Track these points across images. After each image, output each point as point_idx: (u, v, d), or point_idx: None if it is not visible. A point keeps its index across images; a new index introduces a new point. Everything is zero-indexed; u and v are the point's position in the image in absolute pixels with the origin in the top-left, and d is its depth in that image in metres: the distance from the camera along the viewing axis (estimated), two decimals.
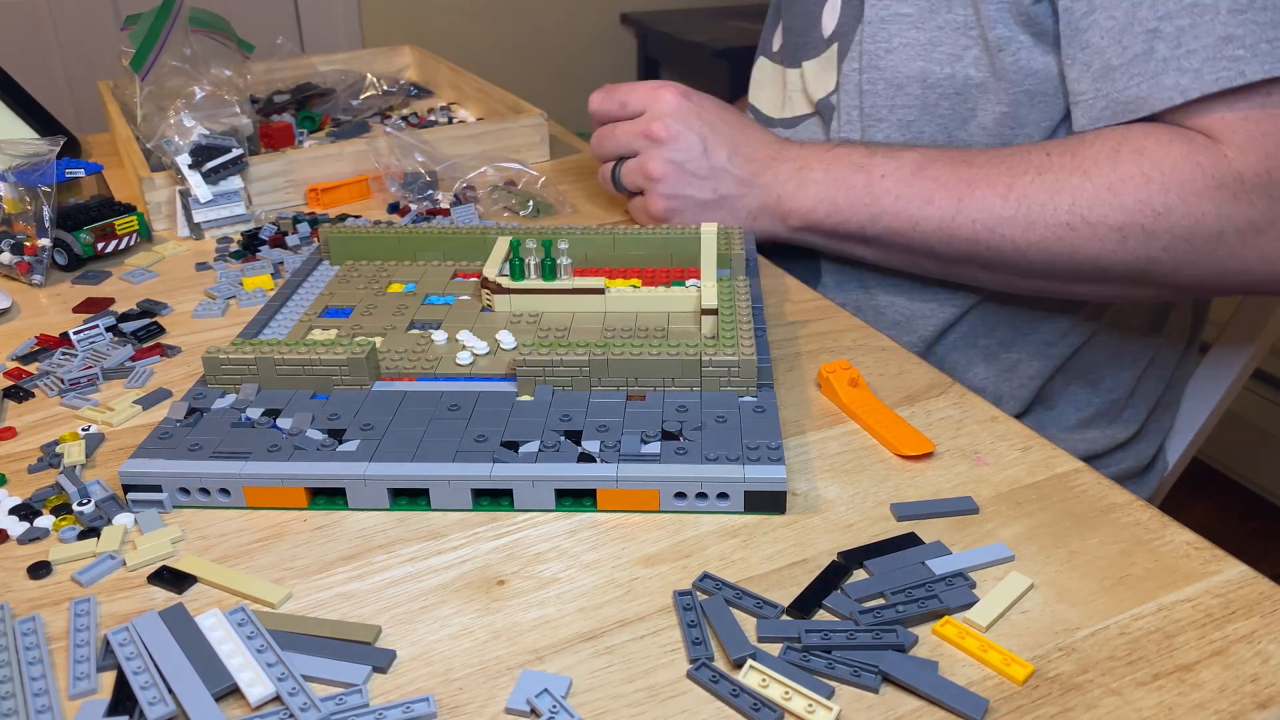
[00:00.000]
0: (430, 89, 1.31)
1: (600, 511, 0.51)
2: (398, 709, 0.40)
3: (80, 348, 0.68)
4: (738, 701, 0.40)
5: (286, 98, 1.17)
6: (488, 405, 0.56)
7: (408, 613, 0.45)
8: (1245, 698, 0.40)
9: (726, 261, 0.72)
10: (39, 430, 0.60)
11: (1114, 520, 0.50)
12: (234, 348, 0.58)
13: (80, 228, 0.80)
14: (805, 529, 0.50)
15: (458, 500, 0.51)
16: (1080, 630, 0.43)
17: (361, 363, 0.58)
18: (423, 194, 0.92)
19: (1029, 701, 0.40)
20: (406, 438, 0.54)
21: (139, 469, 0.52)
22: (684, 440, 0.53)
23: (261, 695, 0.40)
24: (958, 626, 0.43)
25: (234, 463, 0.52)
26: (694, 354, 0.56)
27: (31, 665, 0.42)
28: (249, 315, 0.73)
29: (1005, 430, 0.57)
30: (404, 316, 0.68)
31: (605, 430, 0.54)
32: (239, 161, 0.88)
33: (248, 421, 0.55)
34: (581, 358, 0.57)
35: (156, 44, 0.91)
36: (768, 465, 0.51)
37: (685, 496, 0.51)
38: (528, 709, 0.40)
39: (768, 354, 0.59)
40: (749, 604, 0.45)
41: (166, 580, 0.47)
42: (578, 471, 0.51)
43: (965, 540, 0.49)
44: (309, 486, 0.52)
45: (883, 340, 0.67)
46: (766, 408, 0.55)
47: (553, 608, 0.46)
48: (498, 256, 0.70)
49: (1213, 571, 0.46)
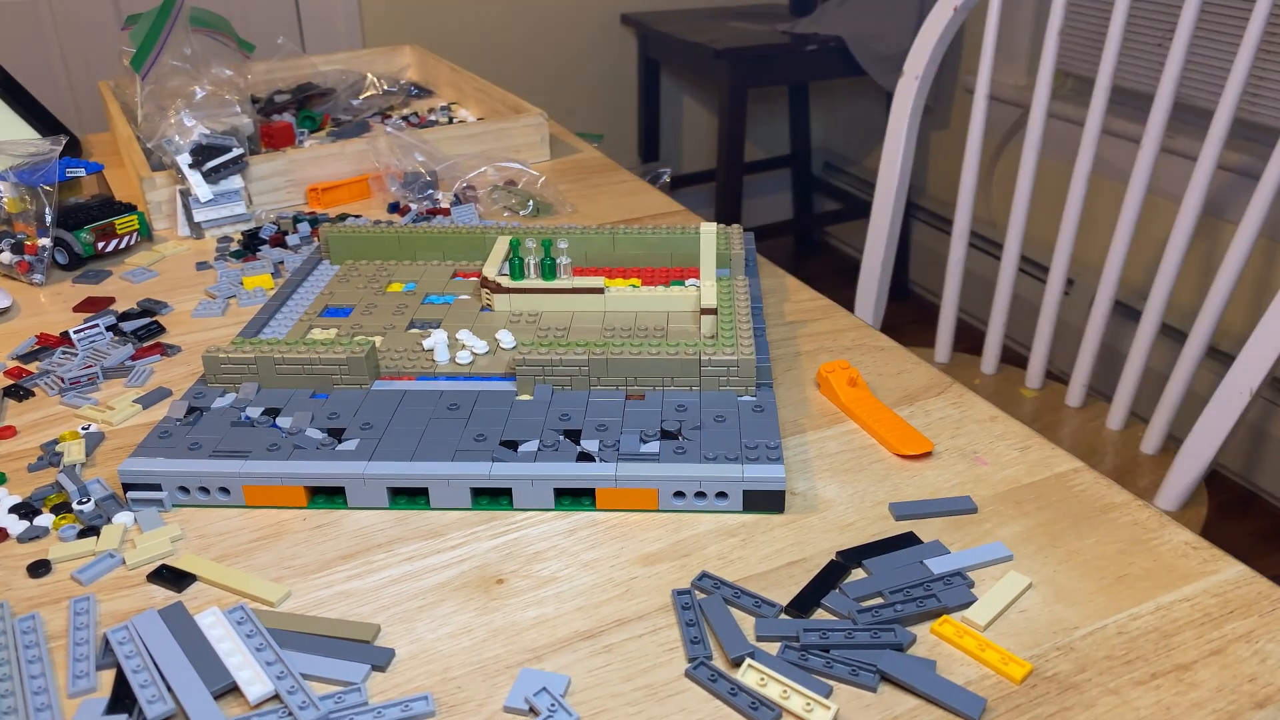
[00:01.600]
0: (430, 89, 1.31)
1: (599, 511, 0.51)
2: (396, 707, 0.40)
3: (80, 347, 0.69)
4: (736, 700, 0.40)
5: (287, 97, 1.18)
6: (487, 404, 0.56)
7: (406, 611, 0.46)
8: (1243, 697, 0.40)
9: (725, 261, 0.72)
10: (39, 429, 0.60)
11: (1112, 520, 0.50)
12: (234, 347, 0.59)
13: (81, 227, 0.80)
14: (804, 528, 0.50)
15: (457, 499, 0.52)
16: (1078, 630, 0.43)
17: (361, 362, 0.58)
18: (423, 193, 0.92)
19: (1027, 700, 0.40)
20: (406, 437, 0.54)
21: (139, 467, 0.52)
22: (683, 440, 0.53)
23: (260, 694, 0.40)
24: (956, 626, 0.43)
25: (234, 461, 0.52)
26: (693, 353, 0.56)
27: (31, 664, 0.42)
28: (249, 314, 0.74)
29: (1004, 430, 0.57)
30: (404, 316, 0.68)
31: (604, 429, 0.54)
32: (239, 161, 0.88)
33: (247, 420, 0.55)
34: (581, 357, 0.57)
35: (157, 43, 0.91)
36: (766, 465, 0.51)
37: (684, 496, 0.51)
38: (526, 707, 0.40)
39: (767, 353, 0.60)
40: (747, 603, 0.45)
41: (166, 579, 0.47)
42: (577, 471, 0.51)
43: (964, 540, 0.49)
44: (308, 485, 0.52)
45: (882, 340, 0.67)
46: (765, 407, 0.55)
47: (551, 607, 0.46)
48: (497, 256, 0.70)
49: (1211, 571, 0.46)
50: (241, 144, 0.88)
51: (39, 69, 2.21)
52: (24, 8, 2.25)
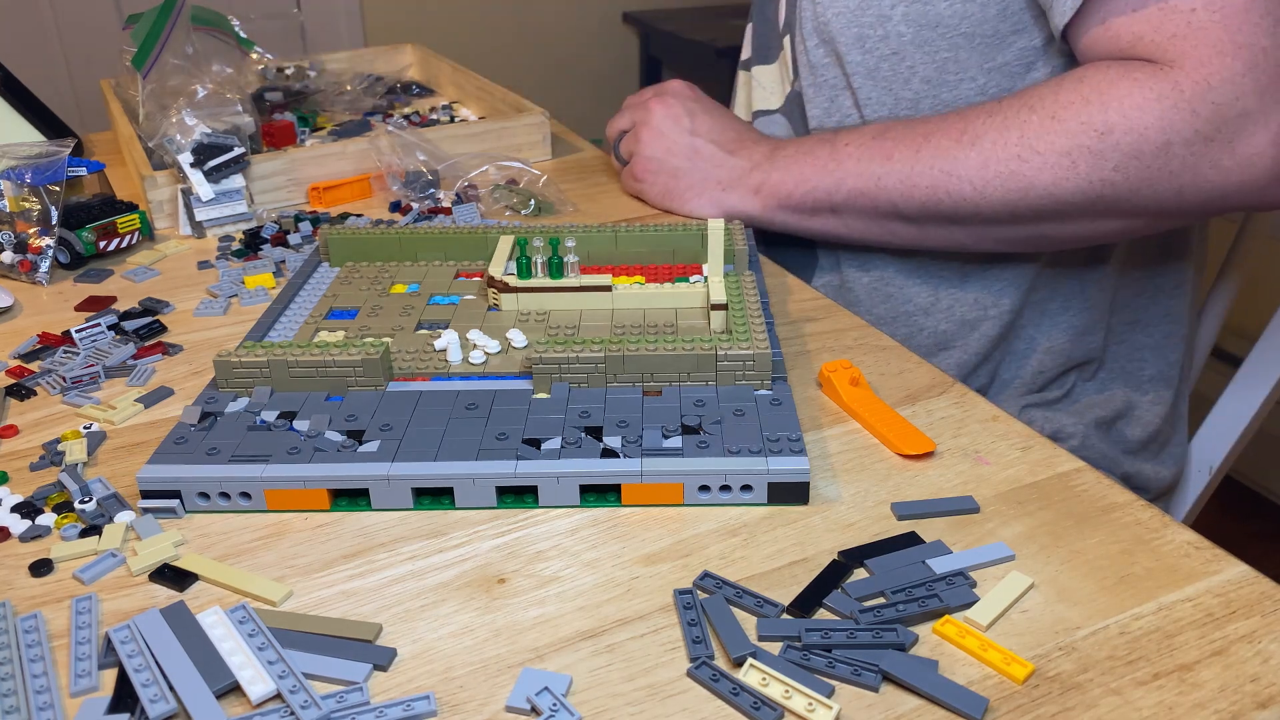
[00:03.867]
0: (432, 88, 1.31)
1: (624, 506, 0.51)
2: (398, 706, 0.40)
3: (82, 346, 0.69)
4: (738, 700, 0.40)
5: (278, 95, 1.17)
6: (505, 404, 0.56)
7: (408, 611, 0.46)
8: (1245, 697, 0.40)
9: (730, 257, 0.72)
10: (41, 428, 0.60)
11: (1114, 520, 0.50)
12: (246, 350, 0.58)
13: (82, 226, 0.81)
14: (806, 528, 0.50)
15: (482, 498, 0.51)
16: (1080, 630, 0.43)
17: (376, 363, 0.58)
18: (424, 193, 0.92)
19: (1029, 701, 0.40)
20: (427, 437, 0.53)
21: (157, 474, 0.51)
22: (704, 434, 0.53)
23: (262, 693, 0.40)
24: (958, 625, 0.43)
25: (255, 466, 0.52)
26: (709, 349, 0.57)
27: (33, 663, 0.42)
28: (250, 313, 0.74)
29: (1006, 430, 0.57)
30: (411, 317, 0.67)
31: (625, 426, 0.54)
32: (241, 160, 0.88)
33: (264, 424, 0.55)
34: (598, 354, 0.57)
35: (158, 42, 0.91)
36: (790, 457, 0.51)
37: (709, 489, 0.51)
38: (528, 707, 0.40)
39: (779, 347, 0.60)
40: (750, 603, 0.45)
41: (168, 578, 0.47)
42: (603, 467, 0.51)
43: (966, 539, 0.49)
44: (332, 488, 0.52)
45: (884, 339, 0.67)
46: (783, 400, 0.56)
47: (553, 606, 0.46)
48: (502, 255, 0.70)
49: (1213, 571, 0.46)
50: (243, 143, 0.88)
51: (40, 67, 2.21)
52: (25, 6, 2.26)
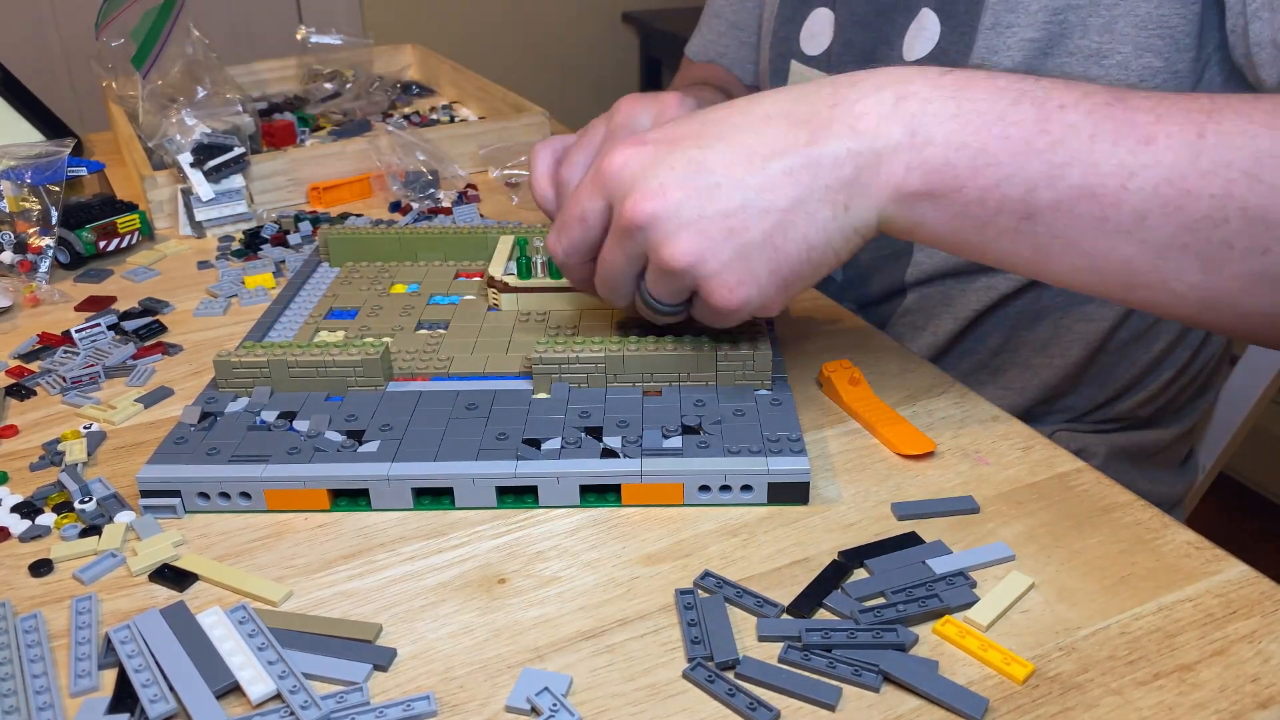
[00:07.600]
0: (432, 87, 1.31)
1: (625, 506, 0.51)
2: (398, 707, 0.40)
3: (82, 346, 0.69)
4: (734, 700, 0.40)
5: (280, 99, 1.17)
6: (505, 404, 0.56)
7: (408, 611, 0.46)
8: (1246, 697, 0.40)
9: None
10: (41, 428, 0.60)
11: (1115, 520, 0.50)
12: (246, 350, 0.58)
13: (82, 226, 0.81)
14: (806, 528, 0.50)
15: (482, 498, 0.51)
16: (1081, 630, 0.43)
17: (376, 363, 0.58)
18: (424, 192, 0.92)
19: (1029, 701, 0.40)
20: (427, 437, 0.53)
21: (157, 474, 0.51)
22: (704, 434, 0.53)
23: (262, 693, 0.40)
24: (958, 626, 0.43)
25: (255, 466, 0.52)
26: (709, 349, 0.57)
27: (33, 663, 0.42)
28: (250, 314, 0.73)
29: (1006, 430, 0.57)
30: (410, 317, 0.67)
31: (625, 426, 0.54)
32: (241, 160, 0.88)
33: (263, 425, 0.55)
34: (598, 354, 0.57)
35: (158, 42, 0.91)
36: (790, 457, 0.51)
37: (709, 489, 0.51)
38: (528, 707, 0.40)
39: (778, 347, 0.60)
40: (749, 603, 0.45)
41: (168, 578, 0.47)
42: (603, 467, 0.51)
43: (966, 540, 0.49)
44: (332, 489, 0.52)
45: (884, 339, 0.67)
46: (783, 400, 0.56)
47: (553, 606, 0.46)
48: (502, 255, 0.70)
49: (1214, 571, 0.46)
50: (243, 143, 0.88)
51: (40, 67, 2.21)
52: (26, 5, 2.25)
